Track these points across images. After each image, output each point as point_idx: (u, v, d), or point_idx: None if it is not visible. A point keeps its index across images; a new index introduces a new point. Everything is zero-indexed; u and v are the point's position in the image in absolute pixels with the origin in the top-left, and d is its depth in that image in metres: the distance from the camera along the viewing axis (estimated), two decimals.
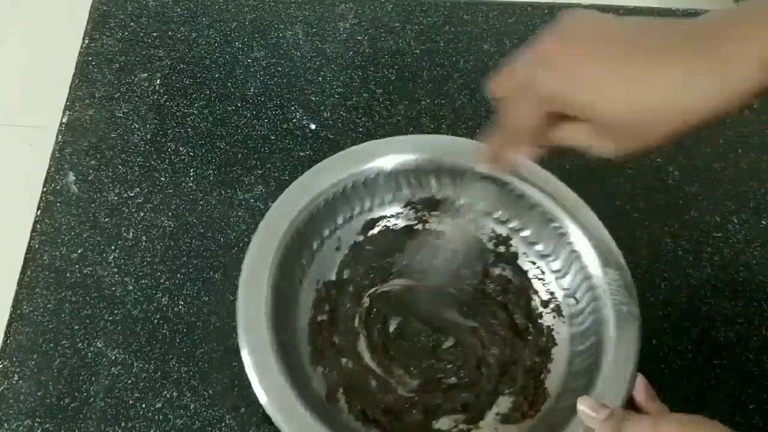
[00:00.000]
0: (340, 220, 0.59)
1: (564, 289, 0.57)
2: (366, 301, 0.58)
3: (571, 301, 0.56)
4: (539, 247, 0.58)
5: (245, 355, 0.49)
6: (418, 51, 0.74)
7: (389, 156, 0.58)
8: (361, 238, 0.60)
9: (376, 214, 0.60)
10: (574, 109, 0.40)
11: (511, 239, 0.59)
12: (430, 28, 0.75)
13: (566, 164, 0.66)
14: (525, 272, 0.59)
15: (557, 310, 0.57)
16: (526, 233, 0.59)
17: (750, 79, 0.36)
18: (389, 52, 0.74)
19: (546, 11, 0.77)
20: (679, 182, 0.67)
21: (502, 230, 0.60)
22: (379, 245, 0.60)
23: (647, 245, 0.63)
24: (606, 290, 0.53)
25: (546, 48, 0.41)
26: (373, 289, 0.58)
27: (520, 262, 0.59)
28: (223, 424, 0.55)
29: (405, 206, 0.60)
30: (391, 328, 0.57)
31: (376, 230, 0.60)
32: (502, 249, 0.60)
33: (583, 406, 0.46)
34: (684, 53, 0.37)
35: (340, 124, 0.69)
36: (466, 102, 0.71)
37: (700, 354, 0.58)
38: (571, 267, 0.56)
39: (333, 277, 0.58)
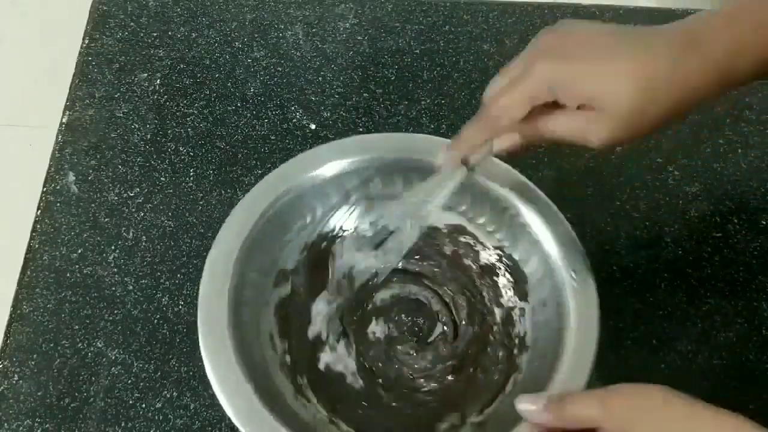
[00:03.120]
0: (309, 219, 0.57)
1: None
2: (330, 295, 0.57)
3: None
4: (499, 236, 0.56)
5: (201, 333, 0.48)
6: (418, 51, 0.74)
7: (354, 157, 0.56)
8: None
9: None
10: (575, 92, 0.41)
11: (467, 228, 0.57)
12: (430, 28, 0.75)
13: (565, 164, 0.66)
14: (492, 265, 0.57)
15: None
16: (481, 220, 0.57)
17: (725, 60, 0.40)
18: (389, 52, 0.74)
19: (546, 11, 0.77)
20: (679, 182, 0.67)
21: (458, 220, 0.57)
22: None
23: (647, 245, 0.63)
24: (568, 284, 0.50)
25: (543, 41, 0.43)
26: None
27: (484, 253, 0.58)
28: (223, 424, 0.55)
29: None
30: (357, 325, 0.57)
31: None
32: (463, 240, 0.58)
33: (522, 404, 0.42)
34: (671, 40, 0.40)
35: (340, 124, 0.69)
36: (466, 102, 0.71)
37: (700, 354, 0.58)
38: (531, 257, 0.54)
39: (292, 266, 0.56)
